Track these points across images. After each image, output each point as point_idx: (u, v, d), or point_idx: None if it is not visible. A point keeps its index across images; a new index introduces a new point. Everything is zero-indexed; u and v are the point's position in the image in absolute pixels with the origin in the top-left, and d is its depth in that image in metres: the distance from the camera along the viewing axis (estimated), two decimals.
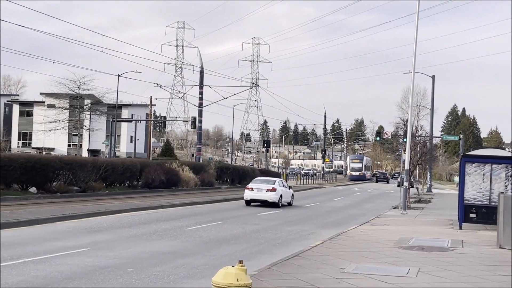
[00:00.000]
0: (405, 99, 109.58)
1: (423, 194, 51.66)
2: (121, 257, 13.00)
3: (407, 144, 29.72)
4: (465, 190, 20.35)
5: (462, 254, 14.25)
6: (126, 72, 65.01)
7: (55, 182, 29.06)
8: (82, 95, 67.68)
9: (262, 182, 32.12)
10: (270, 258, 13.40)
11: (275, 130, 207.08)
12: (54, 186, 28.68)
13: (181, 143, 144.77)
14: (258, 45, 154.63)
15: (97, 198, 29.14)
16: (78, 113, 68.81)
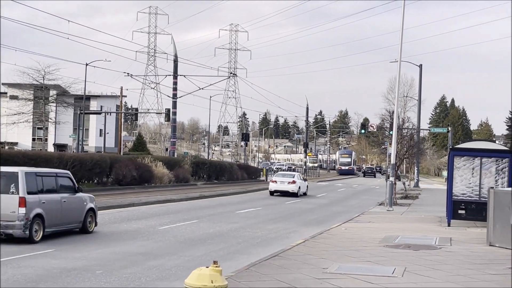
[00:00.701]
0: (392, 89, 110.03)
1: (410, 189, 52.11)
2: (89, 258, 12.92)
3: (393, 137, 29.92)
4: (454, 185, 20.55)
5: (451, 253, 14.40)
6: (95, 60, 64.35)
7: None
8: (47, 85, 66.92)
9: (284, 176, 40.46)
10: (249, 258, 13.43)
11: (254, 122, 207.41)
12: None
13: (154, 136, 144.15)
14: (236, 32, 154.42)
15: None
16: (43, 105, 68.07)
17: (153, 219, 21.47)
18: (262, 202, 32.44)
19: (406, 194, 42.01)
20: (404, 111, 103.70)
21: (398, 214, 26.44)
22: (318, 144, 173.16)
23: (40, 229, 14.99)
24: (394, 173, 30.41)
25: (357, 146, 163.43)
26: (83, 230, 16.87)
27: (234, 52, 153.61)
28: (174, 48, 55.61)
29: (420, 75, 63.08)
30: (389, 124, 39.89)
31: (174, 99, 54.42)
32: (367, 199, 39.08)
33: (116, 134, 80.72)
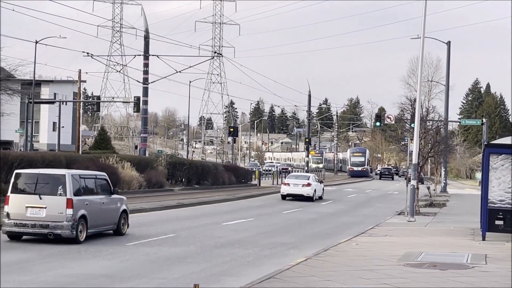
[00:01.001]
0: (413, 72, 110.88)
1: (436, 195, 52.27)
2: (39, 282, 12.89)
3: (415, 130, 29.97)
4: (490, 190, 20.59)
5: (486, 273, 14.45)
6: (47, 37, 64.28)
7: None
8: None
9: (297, 178, 44.60)
10: (237, 281, 13.43)
11: (244, 113, 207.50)
12: None
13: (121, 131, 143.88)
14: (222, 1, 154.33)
15: None
16: None
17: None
18: (254, 212, 32.46)
19: (431, 201, 42.14)
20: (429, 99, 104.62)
21: (421, 226, 26.50)
22: (323, 140, 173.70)
23: (84, 230, 18.59)
24: (416, 175, 30.48)
25: (370, 143, 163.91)
26: (117, 232, 20.43)
27: (219, 27, 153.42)
28: (145, 22, 55.53)
29: (448, 54, 63.30)
30: (410, 115, 39.98)
31: (145, 84, 54.32)
32: (383, 207, 39.17)
33: (73, 129, 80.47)
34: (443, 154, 43.56)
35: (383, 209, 38.02)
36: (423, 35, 29.86)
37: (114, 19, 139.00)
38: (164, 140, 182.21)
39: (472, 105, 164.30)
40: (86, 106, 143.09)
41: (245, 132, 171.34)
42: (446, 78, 65.98)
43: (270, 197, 47.23)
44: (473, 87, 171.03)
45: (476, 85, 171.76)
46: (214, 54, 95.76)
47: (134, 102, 56.39)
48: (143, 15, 56.78)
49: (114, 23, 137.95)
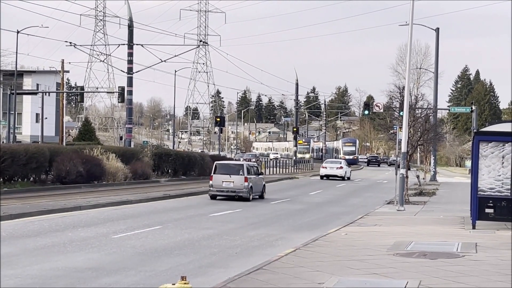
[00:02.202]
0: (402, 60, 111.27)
1: (426, 184, 52.56)
2: (25, 276, 12.88)
3: (403, 119, 30.07)
4: (480, 178, 20.71)
5: (476, 261, 14.55)
6: (28, 27, 63.95)
7: None
8: None
9: (332, 163, 65.24)
10: (226, 273, 13.47)
11: (231, 103, 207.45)
12: None
13: (105, 122, 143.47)
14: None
15: None
16: None
17: (105, 225, 21.43)
18: (241, 203, 32.51)
19: (421, 189, 42.37)
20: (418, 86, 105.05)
21: (411, 215, 26.64)
22: (311, 129, 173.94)
23: (251, 194, 33.66)
24: (405, 164, 30.60)
25: (359, 131, 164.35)
26: (261, 197, 36.02)
27: (204, 15, 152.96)
28: (129, 10, 55.32)
29: (436, 41, 63.48)
30: (399, 103, 40.10)
31: (129, 74, 54.17)
32: (373, 197, 39.35)
33: (56, 120, 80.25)
34: (432, 142, 43.67)
35: (373, 198, 38.19)
36: (412, 21, 29.93)
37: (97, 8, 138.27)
38: (150, 131, 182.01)
39: (461, 93, 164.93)
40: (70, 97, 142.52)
41: (232, 122, 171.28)
42: (435, 65, 66.33)
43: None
44: (462, 74, 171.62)
45: (465, 72, 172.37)
46: (199, 43, 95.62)
47: (119, 92, 56.19)
48: (127, 3, 56.52)
49: (97, 12, 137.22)
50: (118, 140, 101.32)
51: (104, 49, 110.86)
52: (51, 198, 29.38)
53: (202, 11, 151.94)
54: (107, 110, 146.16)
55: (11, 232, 18.99)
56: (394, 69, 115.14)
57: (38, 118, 77.25)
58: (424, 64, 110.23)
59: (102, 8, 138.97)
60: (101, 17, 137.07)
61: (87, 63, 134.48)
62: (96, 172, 40.02)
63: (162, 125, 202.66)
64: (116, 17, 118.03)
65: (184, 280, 7.12)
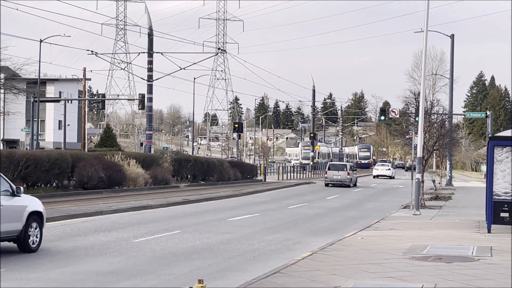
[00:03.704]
0: (417, 66, 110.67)
1: (442, 188, 52.25)
2: (48, 279, 12.95)
3: (419, 124, 29.97)
4: (495, 183, 20.58)
5: (491, 265, 14.47)
6: (51, 36, 64.34)
7: None
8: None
9: (381, 165, 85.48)
10: (244, 276, 13.47)
11: (249, 109, 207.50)
12: None
13: (126, 128, 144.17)
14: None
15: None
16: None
17: (126, 230, 21.49)
18: (259, 207, 32.53)
19: (437, 194, 42.16)
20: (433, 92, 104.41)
21: (426, 219, 26.53)
22: (328, 135, 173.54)
23: (352, 183, 56.71)
24: (421, 168, 30.49)
25: (375, 137, 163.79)
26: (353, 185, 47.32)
27: (223, 23, 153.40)
28: (149, 19, 55.57)
29: (452, 47, 63.20)
30: (415, 108, 39.92)
31: (149, 82, 54.39)
32: (389, 201, 39.22)
33: (79, 127, 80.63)
34: (448, 147, 43.48)
35: (389, 202, 38.06)
36: (427, 28, 29.82)
37: (118, 17, 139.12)
38: (170, 137, 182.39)
39: (476, 98, 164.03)
40: (91, 104, 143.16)
41: (250, 128, 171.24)
42: (450, 71, 65.91)
43: (275, 192, 47.33)
44: (478, 80, 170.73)
45: (480, 78, 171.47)
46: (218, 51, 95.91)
47: (139, 100, 56.40)
48: (147, 12, 56.82)
49: (118, 21, 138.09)
50: (139, 146, 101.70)
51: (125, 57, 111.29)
52: (73, 203, 29.54)
53: (221, 20, 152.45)
54: (128, 117, 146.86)
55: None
56: (409, 75, 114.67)
57: (61, 125, 77.69)
58: (440, 70, 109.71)
59: (123, 17, 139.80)
60: (122, 26, 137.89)
61: (108, 71, 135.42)
62: (117, 178, 40.17)
63: (181, 131, 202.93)
64: (137, 26, 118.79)
65: (201, 283, 7.14)
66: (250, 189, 47.37)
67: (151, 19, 55.29)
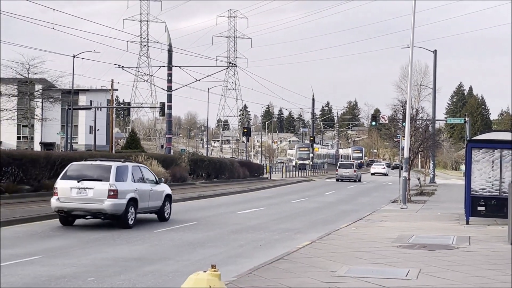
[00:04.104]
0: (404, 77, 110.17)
1: (426, 185, 52.15)
2: (79, 265, 12.98)
3: (406, 128, 29.91)
4: (472, 180, 20.54)
5: (469, 252, 14.43)
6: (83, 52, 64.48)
7: (2, 180, 28.80)
8: (32, 79, 67.00)
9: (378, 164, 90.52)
10: (251, 262, 13.47)
11: (256, 116, 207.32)
12: (1, 185, 28.43)
13: (149, 133, 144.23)
14: (235, 18, 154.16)
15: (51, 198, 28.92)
16: (28, 101, 68.18)
17: (147, 221, 21.52)
18: (265, 202, 32.50)
19: (421, 190, 42.05)
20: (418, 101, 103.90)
21: (412, 212, 26.47)
22: (325, 138, 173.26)
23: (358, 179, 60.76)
24: (408, 168, 30.41)
25: (368, 140, 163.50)
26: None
27: (233, 40, 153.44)
28: (168, 37, 55.61)
29: (434, 61, 63.07)
30: (402, 115, 39.88)
31: (169, 92, 54.43)
32: (379, 197, 39.14)
33: (107, 131, 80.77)
34: (431, 149, 43.44)
35: (379, 198, 37.97)
36: (412, 45, 29.81)
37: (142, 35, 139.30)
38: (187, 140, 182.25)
39: (456, 106, 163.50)
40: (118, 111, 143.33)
41: (257, 132, 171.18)
42: (433, 82, 65.81)
43: (280, 188, 47.28)
44: (457, 90, 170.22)
45: (460, 88, 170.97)
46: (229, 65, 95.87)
47: (160, 107, 56.47)
48: (167, 31, 56.84)
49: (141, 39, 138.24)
50: (160, 148, 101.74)
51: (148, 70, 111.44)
52: None
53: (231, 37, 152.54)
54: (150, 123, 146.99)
55: (68, 227, 19.16)
56: (397, 86, 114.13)
57: (91, 129, 77.84)
58: (424, 81, 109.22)
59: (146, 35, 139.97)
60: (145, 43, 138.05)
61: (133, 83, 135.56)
62: None
63: (197, 135, 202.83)
64: (158, 43, 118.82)
65: (214, 268, 7.14)
66: (257, 186, 47.35)
67: (170, 37, 55.32)
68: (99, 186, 18.66)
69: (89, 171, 19.12)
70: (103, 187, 18.63)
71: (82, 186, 18.69)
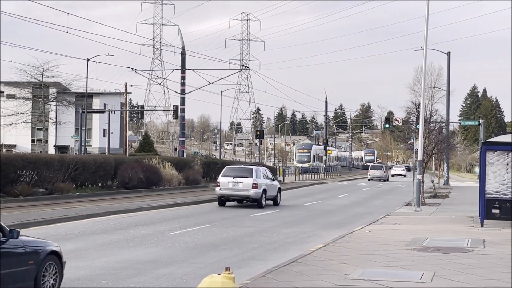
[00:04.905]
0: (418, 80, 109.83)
1: (440, 188, 51.85)
2: (94, 267, 13.04)
3: (419, 131, 29.79)
4: (487, 182, 20.42)
5: (484, 255, 14.36)
6: (97, 55, 64.90)
7: (17, 183, 29.00)
8: (46, 83, 67.39)
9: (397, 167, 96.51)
10: (265, 265, 13.47)
11: (269, 118, 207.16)
12: (16, 188, 28.63)
13: (162, 136, 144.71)
14: (248, 21, 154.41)
15: (66, 201, 29.14)
16: (42, 104, 68.59)
17: (162, 224, 21.58)
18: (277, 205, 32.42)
19: (435, 193, 41.81)
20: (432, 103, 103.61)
21: (426, 215, 26.36)
22: (339, 141, 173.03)
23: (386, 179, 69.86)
24: (421, 170, 30.28)
25: (381, 142, 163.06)
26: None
27: (246, 43, 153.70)
28: (181, 40, 55.78)
29: (448, 63, 62.78)
30: (416, 117, 39.69)
31: (182, 95, 54.57)
32: (393, 199, 38.99)
33: (121, 134, 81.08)
34: (445, 151, 43.20)
35: (393, 200, 37.83)
36: (426, 47, 29.68)
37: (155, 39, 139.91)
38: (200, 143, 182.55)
39: (470, 108, 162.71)
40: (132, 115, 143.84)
41: (270, 134, 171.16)
42: (447, 84, 65.49)
43: (293, 191, 47.23)
44: (471, 92, 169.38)
45: (474, 90, 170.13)
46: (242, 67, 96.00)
47: (173, 110, 56.63)
48: (180, 34, 57.01)
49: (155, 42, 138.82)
50: (173, 151, 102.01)
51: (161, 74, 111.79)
52: (116, 201, 29.70)
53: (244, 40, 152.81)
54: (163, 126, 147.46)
55: (82, 230, 19.25)
56: (411, 88, 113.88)
57: (105, 133, 78.15)
58: (438, 83, 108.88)
59: (159, 39, 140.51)
60: (158, 47, 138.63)
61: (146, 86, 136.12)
62: (154, 179, 40.35)
63: (210, 138, 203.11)
64: (171, 46, 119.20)
65: (228, 270, 7.16)
66: None
67: (183, 40, 55.48)
68: (246, 181, 28.67)
69: (239, 172, 29.39)
70: (249, 181, 28.65)
71: (235, 181, 28.79)
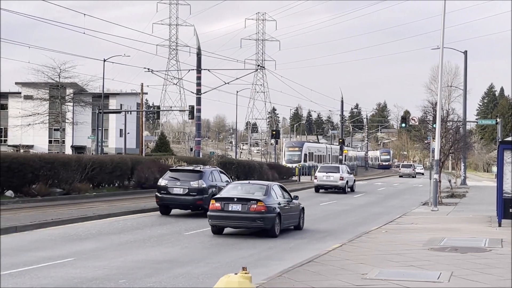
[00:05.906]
0: (434, 79, 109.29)
1: (457, 187, 51.55)
2: (111, 267, 13.10)
3: (436, 130, 29.64)
4: (504, 182, 20.28)
5: (501, 255, 14.26)
6: (113, 56, 65.12)
7: (34, 184, 29.18)
8: (63, 83, 67.78)
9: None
10: (281, 265, 13.47)
11: (285, 118, 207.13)
12: (33, 188, 28.80)
13: (178, 136, 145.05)
14: (263, 21, 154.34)
15: (83, 201, 29.26)
16: (59, 105, 68.97)
17: (178, 224, 21.63)
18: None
19: (452, 192, 41.59)
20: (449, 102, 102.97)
21: (443, 215, 26.22)
22: (354, 140, 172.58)
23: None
24: (438, 170, 30.13)
25: (397, 142, 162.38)
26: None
27: (261, 43, 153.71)
28: (197, 41, 55.87)
29: (465, 62, 62.36)
30: (432, 116, 39.44)
31: (198, 95, 54.66)
32: (409, 199, 38.81)
33: (137, 134, 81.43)
34: (462, 151, 42.91)
35: (409, 200, 37.66)
36: (442, 45, 29.53)
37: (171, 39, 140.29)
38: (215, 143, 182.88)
39: (487, 107, 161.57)
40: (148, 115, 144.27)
41: (286, 134, 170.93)
42: (464, 83, 65.09)
43: (309, 191, 47.10)
44: (488, 91, 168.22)
45: (491, 89, 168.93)
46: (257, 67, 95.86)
47: (189, 110, 56.71)
48: (196, 34, 57.12)
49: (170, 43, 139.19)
50: (189, 151, 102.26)
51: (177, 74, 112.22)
52: (133, 201, 29.79)
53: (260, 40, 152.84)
54: (179, 126, 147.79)
55: (100, 230, 19.34)
56: (427, 87, 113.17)
57: (122, 133, 78.44)
58: (454, 82, 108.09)
59: (175, 39, 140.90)
60: (174, 47, 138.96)
61: (163, 86, 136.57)
62: None
63: (226, 138, 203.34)
64: (187, 46, 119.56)
65: (245, 270, 7.16)
66: (287, 188, 47.16)
67: (199, 40, 55.57)
68: (335, 175, 42.26)
69: (330, 169, 44.59)
70: (338, 175, 42.15)
71: (328, 175, 42.51)
